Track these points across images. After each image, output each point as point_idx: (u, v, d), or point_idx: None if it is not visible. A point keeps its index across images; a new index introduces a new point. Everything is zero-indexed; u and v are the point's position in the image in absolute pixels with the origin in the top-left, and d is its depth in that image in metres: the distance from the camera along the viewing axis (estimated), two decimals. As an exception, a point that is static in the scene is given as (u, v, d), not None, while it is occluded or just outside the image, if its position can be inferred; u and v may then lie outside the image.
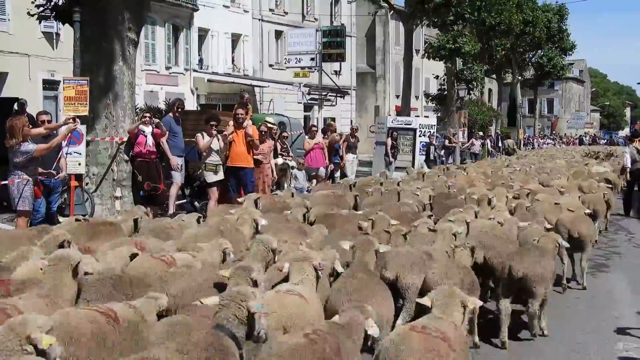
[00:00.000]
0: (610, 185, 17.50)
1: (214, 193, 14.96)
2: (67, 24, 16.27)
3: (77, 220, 9.84)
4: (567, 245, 9.88)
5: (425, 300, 5.80)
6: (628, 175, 20.38)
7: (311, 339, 5.06)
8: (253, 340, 4.94)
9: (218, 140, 15.01)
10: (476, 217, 10.92)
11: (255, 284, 6.05)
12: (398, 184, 16.10)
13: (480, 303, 6.15)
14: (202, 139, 14.92)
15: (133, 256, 7.42)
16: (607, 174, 20.71)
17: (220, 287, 6.28)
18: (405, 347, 4.96)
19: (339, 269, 7.20)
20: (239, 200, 12.62)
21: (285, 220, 10.67)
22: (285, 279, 6.59)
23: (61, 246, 7.60)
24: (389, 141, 29.07)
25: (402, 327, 5.61)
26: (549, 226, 10.29)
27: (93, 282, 6.34)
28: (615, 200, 17.81)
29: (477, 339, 8.03)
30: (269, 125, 18.69)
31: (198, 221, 10.49)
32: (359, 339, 5.43)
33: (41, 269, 6.21)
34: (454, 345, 5.09)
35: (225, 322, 4.90)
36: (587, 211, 12.82)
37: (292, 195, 14.10)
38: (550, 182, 18.06)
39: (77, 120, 12.96)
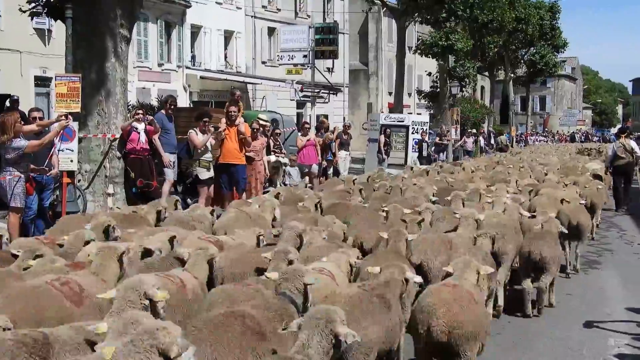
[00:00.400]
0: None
1: (204, 191, 14.96)
2: (59, 21, 16.21)
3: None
4: (566, 231, 10.53)
5: (448, 268, 6.91)
6: (609, 171, 20.97)
7: (363, 290, 6.21)
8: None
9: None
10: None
11: (291, 264, 6.80)
12: (402, 180, 16.38)
13: (492, 270, 7.29)
14: (197, 136, 14.90)
15: (171, 240, 8.33)
16: (596, 170, 20.97)
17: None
18: (437, 297, 6.11)
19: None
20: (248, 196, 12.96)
21: (297, 210, 11.53)
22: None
23: (106, 230, 8.74)
24: (382, 138, 29.13)
25: (433, 285, 6.81)
26: (553, 215, 10.76)
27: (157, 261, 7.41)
28: (607, 195, 17.98)
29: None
30: (262, 122, 18.69)
31: (211, 213, 11.03)
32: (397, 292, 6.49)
33: (88, 255, 7.11)
34: (476, 298, 6.31)
35: (287, 292, 5.94)
36: (583, 202, 13.20)
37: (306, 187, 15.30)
38: (544, 178, 18.23)
39: (70, 117, 12.91)
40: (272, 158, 19.20)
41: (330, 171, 23.55)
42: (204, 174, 14.94)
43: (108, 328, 4.65)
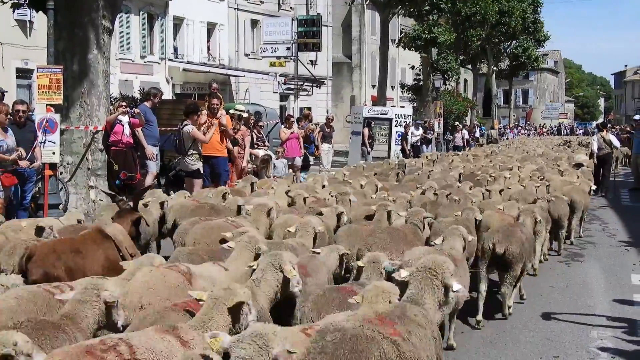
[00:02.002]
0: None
1: (199, 183, 14.92)
2: (40, 12, 16.09)
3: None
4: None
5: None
6: (595, 159, 23.23)
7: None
8: None
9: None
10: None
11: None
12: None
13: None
14: (198, 131, 14.82)
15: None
16: (582, 159, 22.76)
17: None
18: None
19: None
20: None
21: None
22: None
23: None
24: (366, 131, 29.14)
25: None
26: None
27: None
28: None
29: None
30: (238, 113, 18.67)
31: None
32: None
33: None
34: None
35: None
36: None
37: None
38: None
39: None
40: (261, 152, 19.17)
41: (312, 162, 23.60)
42: (196, 165, 14.89)
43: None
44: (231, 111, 17.99)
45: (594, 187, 16.17)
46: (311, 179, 15.67)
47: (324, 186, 13.72)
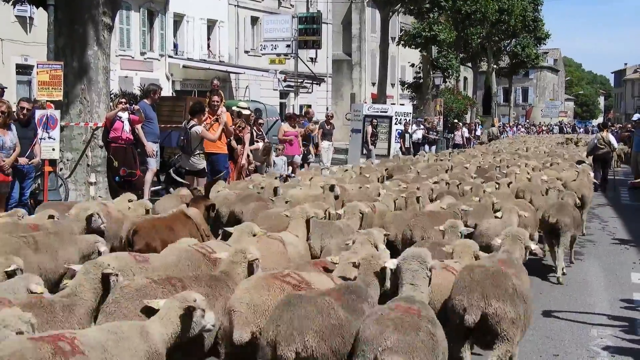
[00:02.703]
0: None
1: (202, 184, 14.87)
2: (40, 8, 16.09)
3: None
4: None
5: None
6: (590, 159, 24.17)
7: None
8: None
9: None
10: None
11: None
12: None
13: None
14: (207, 131, 14.77)
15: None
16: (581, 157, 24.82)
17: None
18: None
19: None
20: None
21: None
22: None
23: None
24: (369, 129, 29.13)
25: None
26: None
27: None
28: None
29: None
30: (242, 110, 18.63)
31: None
32: None
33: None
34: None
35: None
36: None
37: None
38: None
39: None
40: (261, 143, 19.16)
41: (313, 160, 23.62)
42: (202, 164, 14.85)
43: None
44: (234, 108, 17.95)
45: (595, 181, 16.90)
46: (300, 177, 15.87)
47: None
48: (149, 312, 5.14)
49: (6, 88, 18.93)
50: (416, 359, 4.69)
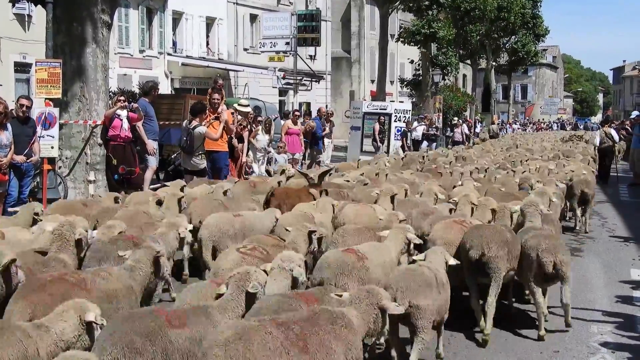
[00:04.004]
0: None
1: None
2: (39, 6, 16.07)
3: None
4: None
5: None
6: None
7: None
8: None
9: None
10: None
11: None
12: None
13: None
14: (209, 130, 14.77)
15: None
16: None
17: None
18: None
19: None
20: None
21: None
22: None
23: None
24: (377, 126, 29.13)
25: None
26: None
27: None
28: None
29: None
30: (241, 108, 18.63)
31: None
32: None
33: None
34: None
35: None
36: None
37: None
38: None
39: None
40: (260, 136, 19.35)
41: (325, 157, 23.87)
42: (203, 164, 14.86)
43: None
44: (235, 105, 17.91)
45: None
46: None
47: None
48: None
49: (1, 85, 18.88)
50: None
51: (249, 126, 18.50)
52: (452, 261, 7.20)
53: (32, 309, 5.52)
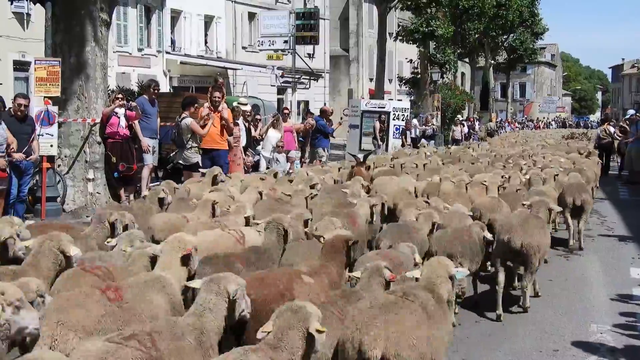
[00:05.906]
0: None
1: (196, 178, 14.86)
2: (38, 4, 16.04)
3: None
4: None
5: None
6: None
7: None
8: None
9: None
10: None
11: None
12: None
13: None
14: (196, 124, 14.74)
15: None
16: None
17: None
18: None
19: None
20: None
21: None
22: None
23: None
24: (377, 124, 29.13)
25: None
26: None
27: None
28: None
29: None
30: (242, 107, 18.62)
31: None
32: None
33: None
34: None
35: None
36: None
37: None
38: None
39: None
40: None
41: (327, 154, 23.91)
42: (195, 158, 14.82)
43: None
44: (235, 104, 17.90)
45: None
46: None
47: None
48: None
49: (1, 84, 18.85)
50: None
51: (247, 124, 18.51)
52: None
53: None
